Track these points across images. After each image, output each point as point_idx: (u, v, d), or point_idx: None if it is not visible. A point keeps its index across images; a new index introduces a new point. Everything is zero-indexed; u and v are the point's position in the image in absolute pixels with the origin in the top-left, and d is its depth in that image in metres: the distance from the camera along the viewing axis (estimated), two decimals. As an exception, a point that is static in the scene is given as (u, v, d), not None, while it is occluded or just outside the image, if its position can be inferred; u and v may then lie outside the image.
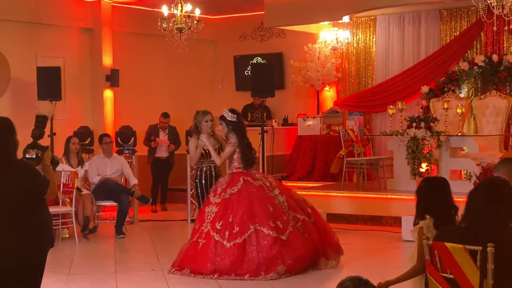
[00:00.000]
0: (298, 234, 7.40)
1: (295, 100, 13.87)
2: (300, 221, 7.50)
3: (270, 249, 7.21)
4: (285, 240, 7.27)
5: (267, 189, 7.52)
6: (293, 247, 7.32)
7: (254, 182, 7.52)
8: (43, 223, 4.38)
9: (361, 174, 11.44)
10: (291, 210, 7.51)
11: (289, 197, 7.68)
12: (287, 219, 7.39)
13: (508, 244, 3.68)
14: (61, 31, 12.45)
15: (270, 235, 7.21)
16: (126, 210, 10.19)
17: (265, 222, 7.25)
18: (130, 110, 13.26)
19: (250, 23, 14.47)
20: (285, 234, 7.29)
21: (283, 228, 7.31)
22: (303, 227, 7.49)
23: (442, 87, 12.21)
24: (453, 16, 12.44)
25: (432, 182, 4.48)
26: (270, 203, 7.41)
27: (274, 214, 7.35)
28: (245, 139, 7.69)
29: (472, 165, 10.40)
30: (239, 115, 7.79)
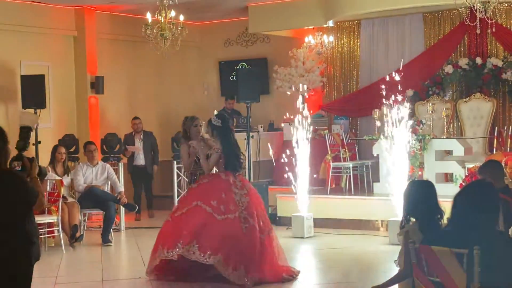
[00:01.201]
0: (237, 225, 7.17)
1: (280, 105, 13.87)
2: (249, 224, 7.25)
3: (198, 219, 7.21)
4: (219, 220, 7.17)
5: (233, 185, 7.42)
6: (224, 229, 7.15)
7: (223, 177, 7.49)
8: (30, 237, 4.35)
9: (347, 178, 11.45)
10: (246, 212, 7.29)
11: (254, 205, 7.44)
12: (233, 210, 7.23)
13: (494, 246, 3.69)
14: (45, 38, 12.40)
15: (205, 210, 7.21)
16: (112, 218, 10.14)
17: (208, 201, 7.27)
18: (115, 117, 13.22)
19: (234, 28, 14.48)
20: (222, 216, 7.18)
21: (224, 211, 7.20)
22: (248, 231, 7.22)
23: (426, 90, 12.26)
24: (436, 20, 12.51)
25: (417, 186, 4.49)
26: (225, 192, 7.34)
27: (223, 200, 7.28)
28: (230, 144, 7.63)
29: (458, 168, 10.45)
30: (226, 120, 7.72)
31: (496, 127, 11.50)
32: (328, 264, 8.46)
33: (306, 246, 9.68)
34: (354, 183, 11.37)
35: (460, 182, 10.05)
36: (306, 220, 10.19)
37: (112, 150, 11.47)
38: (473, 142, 11.26)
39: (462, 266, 3.66)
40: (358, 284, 7.41)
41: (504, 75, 11.69)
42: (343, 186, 11.67)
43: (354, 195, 11.08)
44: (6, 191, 4.18)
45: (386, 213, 9.83)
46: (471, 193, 3.87)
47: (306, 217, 10.21)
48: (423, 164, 10.72)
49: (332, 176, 11.55)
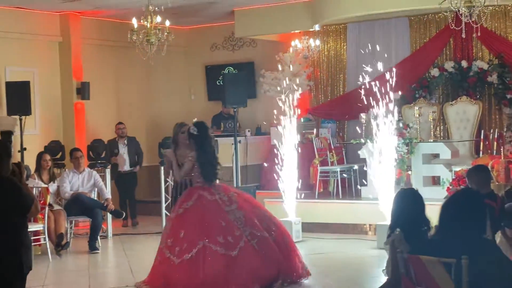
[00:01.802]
0: (250, 250, 7.11)
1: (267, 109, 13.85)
2: (257, 237, 7.19)
3: (216, 265, 7.02)
4: (234, 256, 7.04)
5: (222, 204, 7.31)
6: (244, 262, 7.06)
7: (209, 197, 7.35)
8: (24, 246, 4.33)
9: (335, 182, 11.45)
10: (248, 226, 7.21)
11: (250, 212, 7.37)
12: (240, 235, 7.12)
13: (482, 256, 3.68)
14: (30, 44, 12.33)
15: (218, 252, 7.03)
16: (99, 225, 10.09)
17: (214, 238, 7.08)
18: (101, 123, 13.16)
19: (221, 33, 14.46)
20: (235, 250, 7.05)
21: (234, 243, 7.08)
22: (260, 244, 7.17)
23: (413, 93, 12.29)
24: (422, 23, 12.54)
25: (403, 196, 4.44)
26: (222, 218, 7.20)
27: (226, 229, 7.14)
28: (205, 153, 7.52)
29: (445, 171, 10.48)
30: (204, 128, 7.63)
31: (482, 130, 11.54)
32: (316, 269, 8.41)
33: (294, 251, 9.64)
34: (342, 187, 11.37)
35: (447, 186, 10.08)
36: (294, 225, 10.18)
37: (99, 156, 11.40)
38: (459, 145, 11.29)
39: (451, 276, 3.65)
40: (346, 289, 7.40)
41: (489, 78, 11.74)
42: (330, 190, 11.67)
43: (342, 199, 11.08)
44: (3, 197, 4.18)
45: (374, 217, 9.82)
46: (458, 202, 3.86)
47: (294, 222, 10.20)
48: (410, 167, 10.74)
49: (319, 180, 11.55)
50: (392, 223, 4.37)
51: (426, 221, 4.29)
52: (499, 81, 11.71)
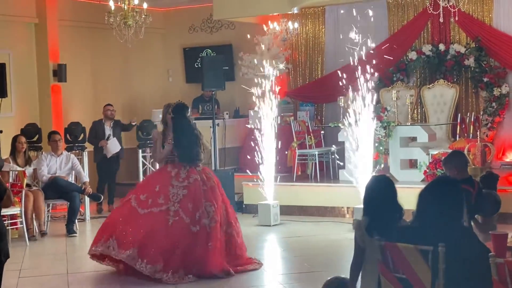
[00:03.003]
0: (161, 218, 7.17)
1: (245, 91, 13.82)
2: (178, 217, 7.20)
3: (119, 216, 7.40)
4: (141, 214, 7.21)
5: (175, 177, 7.37)
6: (144, 223, 7.17)
7: (170, 169, 7.46)
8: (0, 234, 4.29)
9: (313, 166, 11.49)
10: (178, 205, 7.22)
11: (192, 197, 7.34)
12: (162, 203, 7.22)
13: (459, 243, 3.72)
14: (6, 25, 12.16)
15: (130, 204, 7.30)
16: (77, 208, 10.05)
17: (138, 195, 7.33)
18: (79, 105, 13.07)
19: (199, 15, 14.39)
20: (145, 210, 7.21)
21: (150, 204, 7.23)
22: (175, 222, 7.18)
23: (391, 76, 12.34)
24: (400, 7, 12.57)
25: (375, 182, 4.43)
26: (161, 185, 7.33)
27: (154, 193, 7.29)
28: (184, 136, 7.54)
29: (422, 154, 10.55)
30: (179, 110, 7.64)
31: (459, 113, 11.63)
32: (294, 253, 8.49)
33: (272, 234, 9.70)
34: (320, 170, 11.41)
35: (424, 169, 10.15)
36: (272, 208, 10.21)
37: (76, 139, 11.31)
38: (436, 129, 11.37)
39: (427, 263, 3.69)
40: (324, 273, 7.43)
41: (466, 61, 11.81)
42: (308, 173, 11.71)
43: (320, 182, 11.12)
44: None
45: (352, 200, 9.88)
46: (435, 190, 3.89)
47: (272, 205, 10.23)
48: (388, 150, 10.80)
49: (298, 163, 11.58)
50: (364, 210, 4.39)
51: (398, 208, 4.28)
52: (476, 65, 11.79)
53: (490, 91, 11.71)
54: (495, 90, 11.64)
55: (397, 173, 10.54)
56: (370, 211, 4.27)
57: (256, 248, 8.61)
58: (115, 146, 11.85)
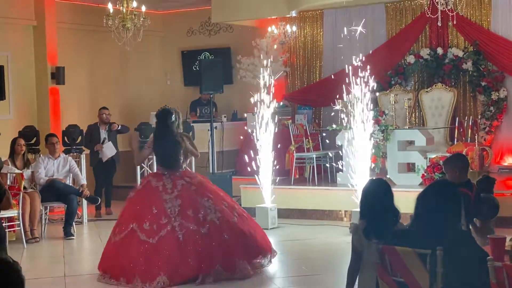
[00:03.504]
0: (172, 240, 7.11)
1: (243, 95, 13.85)
2: (185, 228, 7.15)
3: (136, 250, 7.16)
4: (153, 243, 7.11)
5: (163, 191, 7.37)
6: (162, 251, 7.09)
7: (153, 183, 7.45)
8: None
9: (311, 169, 11.49)
10: (179, 216, 7.20)
11: (188, 203, 7.30)
12: (166, 222, 7.17)
13: (457, 247, 3.72)
14: (4, 27, 12.16)
15: (139, 238, 7.16)
16: (75, 211, 10.04)
17: (141, 225, 7.21)
18: (76, 108, 13.06)
19: (197, 17, 14.40)
20: (154, 239, 7.11)
21: (156, 231, 7.13)
22: (186, 236, 7.13)
23: (389, 80, 12.35)
24: (398, 10, 12.59)
25: (371, 186, 4.44)
26: (156, 205, 7.28)
27: (154, 216, 7.22)
28: (163, 141, 7.60)
29: (420, 158, 10.55)
30: (161, 116, 7.71)
31: (457, 117, 11.64)
32: (291, 256, 8.48)
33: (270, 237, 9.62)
34: (318, 173, 11.41)
35: (422, 173, 10.16)
36: (270, 211, 10.21)
37: (74, 142, 11.30)
38: (434, 132, 11.38)
39: (425, 267, 3.69)
40: (321, 276, 7.45)
41: (464, 65, 11.83)
42: (306, 176, 11.71)
43: (318, 186, 11.12)
44: None
45: (350, 204, 9.87)
46: (433, 194, 3.89)
47: (270, 208, 10.23)
48: (386, 154, 10.80)
49: (295, 166, 11.58)
50: (360, 213, 4.40)
51: (394, 211, 4.29)
52: (474, 69, 11.80)
53: (488, 95, 11.72)
54: (493, 94, 11.66)
55: (395, 176, 10.54)
56: (367, 214, 4.27)
57: (253, 251, 8.59)
58: (110, 150, 11.82)
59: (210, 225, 7.24)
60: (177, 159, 7.63)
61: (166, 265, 7.03)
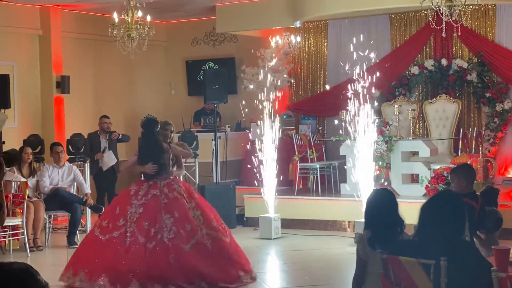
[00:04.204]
0: (119, 241, 7.19)
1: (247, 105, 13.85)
2: (134, 237, 7.18)
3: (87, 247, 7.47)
4: (104, 241, 7.25)
5: (134, 195, 7.43)
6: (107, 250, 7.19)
7: (132, 187, 7.54)
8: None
9: (314, 179, 11.49)
10: (134, 224, 7.23)
11: (151, 213, 7.32)
12: (121, 225, 7.25)
13: (461, 257, 3.72)
14: (10, 36, 12.22)
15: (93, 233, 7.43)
16: (78, 219, 10.06)
17: (100, 222, 7.45)
18: (81, 117, 13.08)
19: (201, 28, 14.43)
20: (105, 236, 7.26)
21: (111, 228, 7.26)
22: (132, 245, 7.15)
23: (393, 91, 12.36)
24: (402, 21, 12.60)
25: (376, 196, 4.44)
26: (121, 205, 7.42)
27: (114, 216, 7.35)
28: (147, 150, 7.72)
29: (424, 169, 10.55)
30: (147, 126, 7.82)
31: (461, 128, 11.63)
32: (295, 266, 8.48)
33: (273, 247, 9.69)
34: (321, 184, 11.41)
35: (426, 184, 10.15)
36: (274, 221, 10.21)
37: (78, 151, 11.31)
38: (438, 143, 11.37)
39: (429, 277, 3.69)
40: (325, 286, 7.44)
41: (469, 76, 11.83)
42: (310, 186, 11.71)
43: (321, 196, 11.12)
44: None
45: (353, 214, 9.88)
46: (437, 204, 3.89)
47: (274, 218, 10.23)
48: (390, 165, 10.80)
49: (299, 176, 11.58)
50: (365, 223, 4.40)
51: (399, 221, 4.29)
52: (478, 80, 11.81)
53: (492, 107, 11.72)
54: (497, 105, 11.66)
55: (399, 187, 10.53)
56: (372, 224, 4.28)
57: (257, 261, 8.59)
58: (111, 159, 11.83)
59: (159, 242, 7.18)
60: (163, 166, 7.65)
61: (107, 266, 7.12)
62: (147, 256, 7.11)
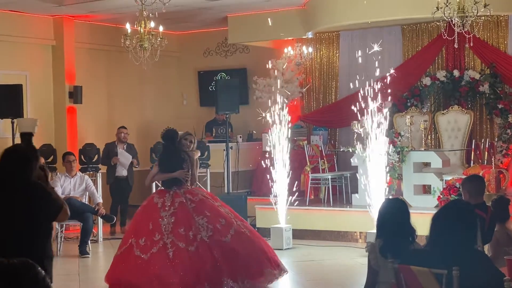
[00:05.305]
0: (162, 257, 7.21)
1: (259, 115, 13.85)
2: (176, 246, 7.25)
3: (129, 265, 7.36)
4: (146, 259, 7.24)
5: (161, 208, 7.52)
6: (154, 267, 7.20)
7: (155, 199, 7.63)
8: (47, 258, 4.31)
9: (326, 190, 11.47)
10: (171, 234, 7.32)
11: (181, 221, 7.40)
12: (157, 240, 7.29)
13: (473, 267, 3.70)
14: (23, 47, 12.32)
15: (134, 253, 7.33)
16: (90, 229, 10.08)
17: (137, 240, 7.40)
18: (93, 127, 13.14)
19: (213, 38, 14.48)
20: (146, 255, 7.25)
21: (149, 247, 7.28)
22: (176, 254, 7.21)
23: (405, 102, 12.34)
24: (415, 32, 12.59)
25: (388, 205, 4.44)
26: (153, 221, 7.45)
27: (149, 232, 7.39)
28: (166, 161, 7.86)
29: (436, 180, 10.51)
30: (168, 138, 8.02)
31: (473, 139, 11.59)
32: (306, 277, 8.46)
33: (284, 258, 9.62)
34: (333, 194, 11.40)
35: (438, 195, 10.11)
36: (285, 232, 10.20)
37: (90, 160, 11.37)
38: (450, 154, 11.33)
39: (441, 287, 3.67)
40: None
41: (481, 87, 11.80)
42: (321, 197, 11.70)
43: (333, 207, 11.10)
44: (33, 204, 4.15)
45: (365, 225, 9.85)
46: (448, 214, 3.88)
47: (285, 229, 10.22)
48: (401, 176, 10.77)
49: (311, 187, 11.57)
50: (377, 232, 4.39)
51: (411, 231, 4.29)
52: (490, 91, 11.77)
53: (504, 118, 11.68)
54: (509, 116, 11.61)
55: (411, 198, 10.49)
56: (384, 233, 4.27)
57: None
58: (125, 157, 11.94)
59: (199, 243, 7.29)
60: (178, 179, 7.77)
61: (156, 281, 7.12)
62: (192, 260, 7.19)
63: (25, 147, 4.58)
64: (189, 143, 8.00)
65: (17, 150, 4.52)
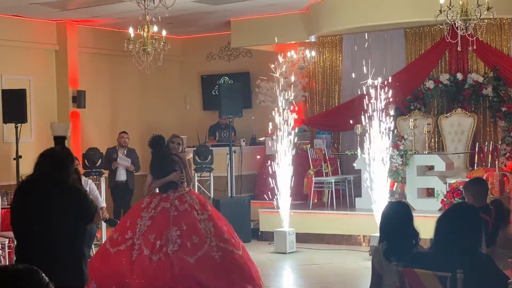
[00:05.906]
0: (126, 254, 7.23)
1: (262, 119, 13.86)
2: (140, 250, 7.22)
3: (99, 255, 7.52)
4: (112, 253, 7.28)
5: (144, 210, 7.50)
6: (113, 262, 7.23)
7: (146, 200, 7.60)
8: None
9: (329, 193, 11.47)
10: (142, 237, 7.28)
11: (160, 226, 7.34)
12: (129, 238, 7.29)
13: (477, 270, 3.70)
14: (27, 51, 12.34)
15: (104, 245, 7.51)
16: (94, 233, 10.07)
17: (112, 235, 7.51)
18: (97, 131, 13.16)
19: (216, 42, 14.49)
20: (114, 249, 7.30)
21: (120, 241, 7.31)
22: (138, 258, 7.19)
23: (408, 105, 12.33)
24: (417, 35, 12.58)
25: (391, 208, 4.44)
26: (131, 218, 7.51)
27: (124, 228, 7.43)
28: (159, 166, 7.79)
29: (439, 183, 10.50)
30: (155, 144, 7.97)
31: (477, 142, 11.58)
32: (309, 280, 8.46)
33: (288, 261, 9.67)
34: (336, 198, 11.39)
35: (442, 198, 10.10)
36: (288, 235, 10.20)
37: (94, 165, 11.37)
38: (454, 158, 11.33)
39: (446, 290, 3.67)
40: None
41: (484, 90, 11.78)
42: (325, 201, 11.69)
43: (336, 210, 11.10)
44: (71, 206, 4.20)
45: (368, 228, 9.85)
46: (453, 217, 3.88)
47: (288, 232, 10.22)
48: (405, 179, 10.76)
49: (314, 190, 11.56)
50: (380, 236, 4.39)
51: (414, 233, 4.28)
52: (494, 94, 11.76)
53: (508, 121, 11.66)
54: (513, 119, 11.60)
55: (414, 201, 10.48)
56: (387, 236, 4.26)
57: (271, 276, 8.58)
58: (125, 160, 11.99)
59: (163, 255, 7.20)
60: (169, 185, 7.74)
61: (116, 279, 7.15)
62: (151, 269, 7.14)
63: (61, 150, 4.63)
64: (177, 146, 7.96)
65: (54, 153, 4.56)
